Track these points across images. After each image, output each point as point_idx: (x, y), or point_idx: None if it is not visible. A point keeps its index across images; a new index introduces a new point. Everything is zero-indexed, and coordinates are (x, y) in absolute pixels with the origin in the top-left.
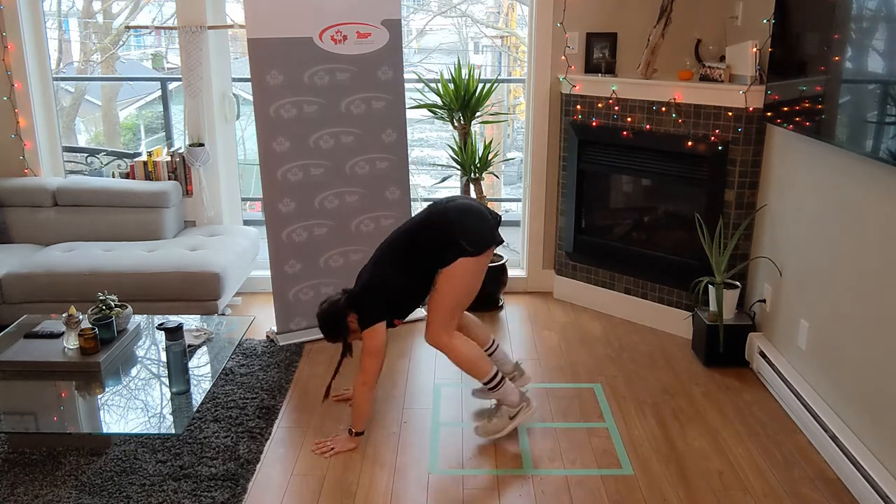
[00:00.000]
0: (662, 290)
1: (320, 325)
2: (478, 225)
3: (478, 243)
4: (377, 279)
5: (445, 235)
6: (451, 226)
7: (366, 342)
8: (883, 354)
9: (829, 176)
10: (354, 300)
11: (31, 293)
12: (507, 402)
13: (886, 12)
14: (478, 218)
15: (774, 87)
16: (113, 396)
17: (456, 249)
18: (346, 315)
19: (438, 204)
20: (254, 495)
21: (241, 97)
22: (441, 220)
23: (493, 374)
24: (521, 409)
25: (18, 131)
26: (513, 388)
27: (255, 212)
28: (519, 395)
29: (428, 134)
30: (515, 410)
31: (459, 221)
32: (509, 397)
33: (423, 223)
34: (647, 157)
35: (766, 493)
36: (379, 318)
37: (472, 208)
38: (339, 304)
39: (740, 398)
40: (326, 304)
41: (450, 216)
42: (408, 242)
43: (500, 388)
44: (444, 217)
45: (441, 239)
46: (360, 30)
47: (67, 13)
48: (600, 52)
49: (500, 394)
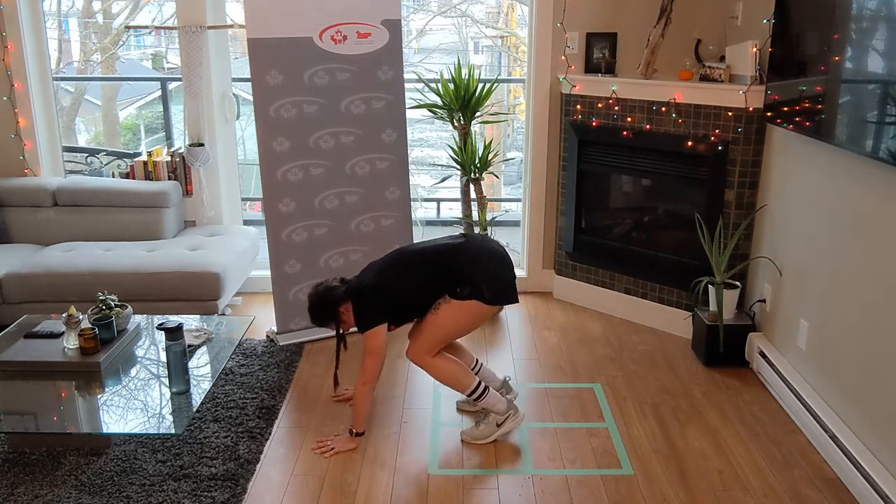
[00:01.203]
0: (662, 290)
1: (311, 305)
2: (504, 279)
3: (498, 296)
4: (386, 281)
5: (472, 275)
6: (481, 269)
7: (367, 343)
8: (883, 354)
9: (829, 176)
10: (356, 293)
11: (31, 293)
12: (495, 411)
13: (886, 12)
14: (506, 271)
15: (774, 87)
16: (113, 396)
17: (475, 292)
18: (339, 303)
19: (474, 240)
20: (254, 495)
21: (241, 97)
22: (474, 258)
23: (476, 385)
24: (509, 416)
25: (18, 131)
26: (499, 397)
27: (255, 212)
28: (506, 403)
29: (428, 134)
30: (503, 418)
31: (491, 268)
32: (496, 405)
33: (454, 252)
34: (647, 157)
35: (765, 493)
36: (380, 320)
37: (505, 259)
38: (336, 290)
39: (740, 398)
40: (322, 288)
41: (482, 260)
42: (430, 260)
43: (485, 396)
44: (478, 257)
45: (466, 274)
46: (360, 30)
47: (67, 13)
48: (600, 52)
49: (485, 402)
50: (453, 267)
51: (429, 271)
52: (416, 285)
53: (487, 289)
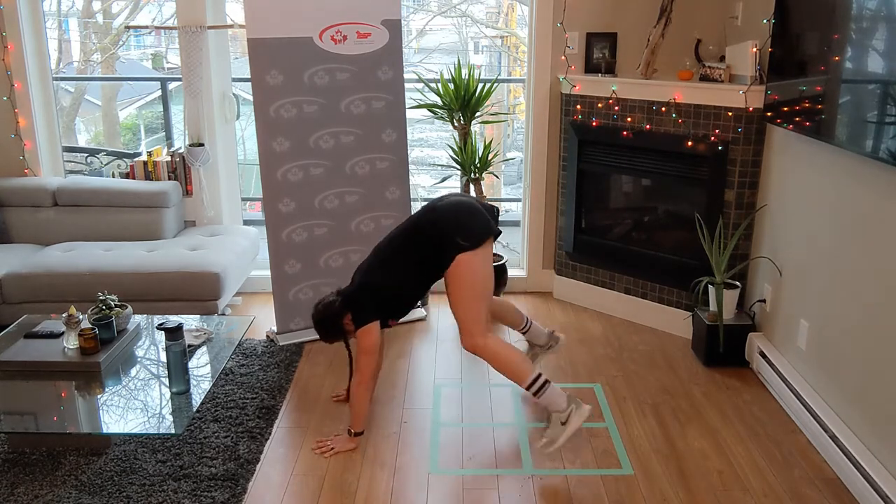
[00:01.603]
0: (662, 290)
1: (315, 326)
2: (470, 218)
3: (472, 237)
4: (371, 279)
5: (440, 234)
6: (443, 224)
7: (359, 341)
8: (883, 354)
9: (829, 176)
10: (348, 299)
11: (31, 293)
12: (555, 408)
13: (886, 12)
14: (469, 212)
15: (774, 87)
16: (113, 396)
17: (453, 247)
18: (341, 316)
19: (430, 204)
20: (254, 495)
21: (241, 97)
22: (433, 220)
23: (535, 377)
24: (571, 411)
25: (18, 131)
26: (558, 392)
27: (255, 212)
28: (566, 397)
29: (428, 134)
30: (566, 415)
31: (452, 218)
32: (555, 402)
33: (417, 224)
34: (647, 157)
35: (765, 493)
36: (372, 318)
37: (463, 203)
38: (333, 305)
39: (740, 398)
40: (321, 306)
41: (441, 214)
42: (403, 243)
43: (544, 392)
44: (436, 216)
45: (436, 239)
46: (360, 30)
47: (67, 13)
48: (600, 52)
49: (545, 400)
50: (426, 238)
51: (404, 256)
52: (398, 273)
53: (461, 237)
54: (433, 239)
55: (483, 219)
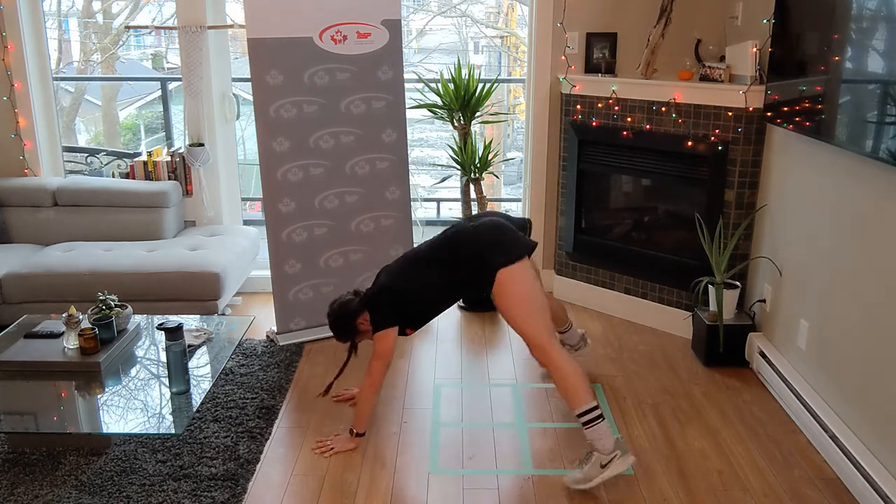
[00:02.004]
0: (662, 290)
1: (331, 324)
2: (505, 237)
3: (509, 253)
4: (397, 283)
5: (477, 254)
6: (483, 244)
7: (376, 345)
8: (883, 354)
9: (829, 176)
10: (370, 300)
11: (31, 293)
12: (599, 448)
13: (886, 12)
14: (503, 230)
15: (774, 87)
16: (113, 396)
17: (491, 265)
18: (357, 316)
19: (463, 224)
20: (254, 495)
21: (241, 97)
22: (473, 240)
23: (592, 407)
24: (615, 457)
25: (18, 131)
26: (607, 433)
27: (255, 212)
28: (613, 441)
29: (428, 134)
30: (608, 458)
31: (491, 238)
32: (602, 441)
33: (456, 241)
34: (647, 157)
35: (765, 493)
36: (391, 324)
37: (496, 224)
38: (350, 304)
39: (740, 398)
40: (337, 305)
41: (480, 235)
42: (439, 258)
43: (595, 426)
44: (476, 236)
45: (474, 259)
46: (360, 30)
47: (67, 13)
48: (600, 52)
49: (593, 433)
50: (460, 259)
51: (439, 269)
52: (429, 284)
53: (497, 256)
54: (470, 259)
55: (517, 235)
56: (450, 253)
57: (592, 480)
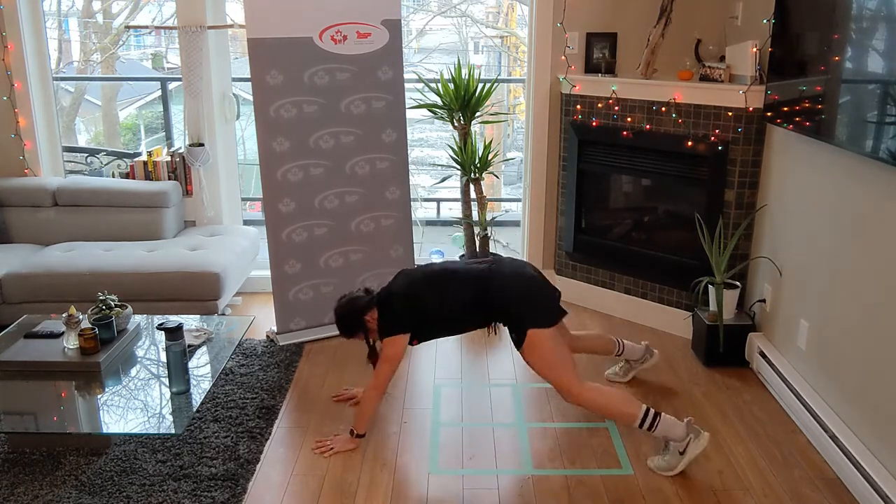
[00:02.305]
0: (662, 290)
1: (337, 318)
2: (544, 305)
3: (545, 321)
4: (419, 294)
5: (514, 310)
6: (518, 303)
7: (385, 349)
8: (883, 354)
9: (829, 176)
10: (383, 300)
11: (31, 293)
12: (673, 438)
13: (886, 12)
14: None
15: (774, 87)
16: (113, 396)
17: (526, 322)
18: (365, 312)
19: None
20: (254, 495)
21: (241, 97)
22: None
23: (644, 413)
24: (690, 440)
25: (18, 131)
26: (673, 422)
27: (255, 212)
28: (683, 428)
29: (428, 134)
30: (684, 444)
31: (525, 299)
32: (672, 432)
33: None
34: (647, 157)
35: (765, 493)
36: (405, 330)
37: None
38: (360, 300)
39: (740, 398)
40: (346, 300)
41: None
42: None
43: (657, 426)
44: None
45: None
46: (360, 30)
47: (67, 13)
48: (600, 52)
49: (661, 431)
50: (486, 296)
51: (462, 295)
52: (447, 304)
53: (532, 319)
54: (506, 311)
55: (554, 304)
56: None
57: (677, 467)
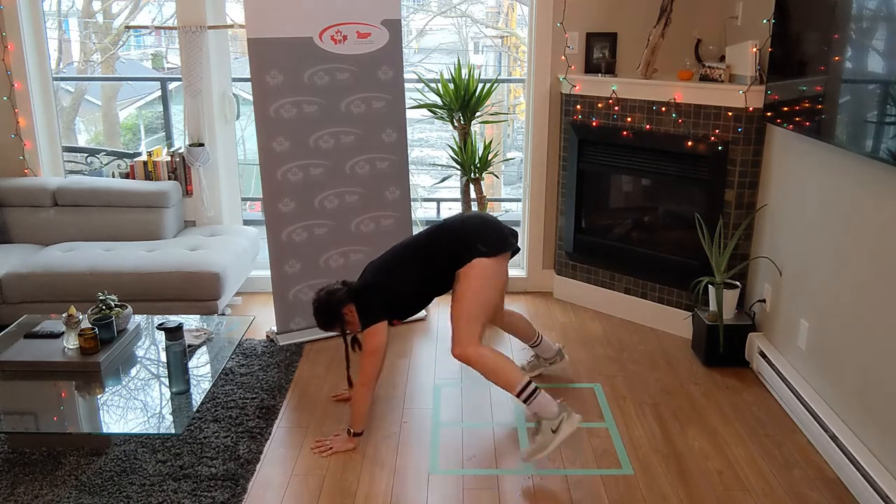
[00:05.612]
0: (662, 290)
1: (315, 311)
2: (493, 231)
3: (492, 245)
4: (383, 278)
5: (462, 240)
6: (466, 232)
7: (366, 342)
8: (883, 354)
9: (829, 176)
10: (356, 294)
11: (31, 293)
12: (545, 415)
13: (886, 12)
14: (494, 227)
15: (774, 87)
16: (113, 396)
17: (471, 252)
18: (342, 305)
19: (455, 216)
20: (254, 495)
21: (241, 97)
22: (457, 227)
23: (525, 384)
24: (562, 419)
25: (18, 131)
26: (549, 400)
27: (255, 212)
28: (557, 406)
29: (428, 134)
30: (556, 422)
31: (475, 228)
32: (546, 409)
33: (439, 230)
34: (647, 157)
35: (765, 493)
36: (380, 317)
37: (488, 218)
38: (337, 293)
39: (740, 398)
40: (324, 293)
41: (465, 223)
42: (421, 247)
43: (534, 399)
44: (460, 224)
45: (457, 243)
46: (360, 30)
47: (67, 13)
48: (600, 52)
49: (535, 406)
50: (446, 242)
51: (420, 258)
52: (411, 275)
53: (482, 244)
54: (454, 242)
55: (504, 234)
56: (431, 241)
57: (548, 447)
